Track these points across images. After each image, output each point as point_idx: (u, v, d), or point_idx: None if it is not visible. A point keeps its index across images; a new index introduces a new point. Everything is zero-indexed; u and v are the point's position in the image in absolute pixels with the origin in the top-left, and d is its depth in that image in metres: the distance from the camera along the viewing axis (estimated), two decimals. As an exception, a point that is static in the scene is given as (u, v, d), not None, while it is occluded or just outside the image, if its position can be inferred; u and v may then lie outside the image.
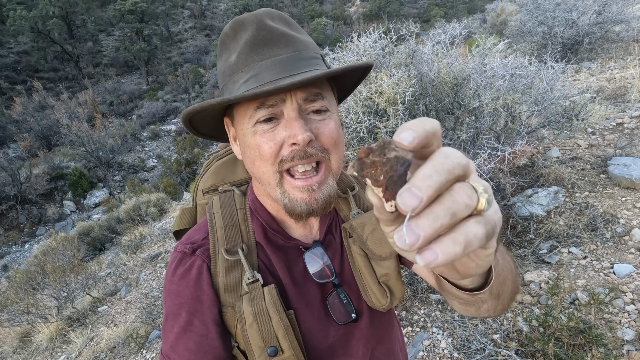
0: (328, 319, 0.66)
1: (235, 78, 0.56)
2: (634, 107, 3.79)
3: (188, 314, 0.60)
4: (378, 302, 0.66)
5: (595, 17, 5.64)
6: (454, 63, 2.91)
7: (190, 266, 0.62)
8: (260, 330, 0.58)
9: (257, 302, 0.58)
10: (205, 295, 0.60)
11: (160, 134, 20.92)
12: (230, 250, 0.62)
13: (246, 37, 0.55)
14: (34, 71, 27.76)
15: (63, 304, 4.33)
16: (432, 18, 27.02)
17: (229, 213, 0.67)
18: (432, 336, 2.14)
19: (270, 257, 0.65)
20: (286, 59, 0.55)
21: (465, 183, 0.27)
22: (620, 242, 2.25)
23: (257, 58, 0.55)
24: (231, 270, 0.61)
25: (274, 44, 0.55)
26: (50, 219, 14.36)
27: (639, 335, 1.70)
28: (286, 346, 0.58)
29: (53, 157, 16.86)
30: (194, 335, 0.59)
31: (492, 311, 0.53)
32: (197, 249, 0.63)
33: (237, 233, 0.65)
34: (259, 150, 0.55)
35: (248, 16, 0.56)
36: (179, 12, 38.53)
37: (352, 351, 0.68)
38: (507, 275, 0.50)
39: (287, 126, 0.54)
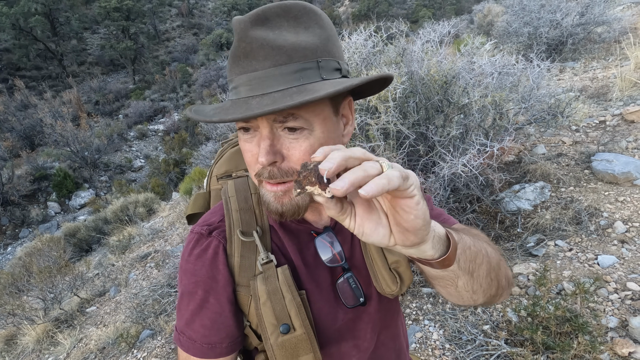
0: (337, 302, 0.68)
1: (229, 85, 0.57)
2: (615, 106, 3.91)
3: (204, 292, 0.62)
4: (388, 288, 0.68)
5: (578, 19, 5.79)
6: (444, 61, 2.96)
7: (207, 246, 0.64)
8: (274, 308, 0.60)
9: (271, 282, 0.61)
10: (220, 274, 0.63)
11: (148, 133, 20.63)
12: (245, 232, 0.64)
13: (232, 46, 0.54)
14: (15, 69, 27.04)
15: (50, 305, 4.24)
16: (420, 19, 27.30)
17: (244, 197, 0.69)
18: (424, 328, 2.17)
19: (283, 240, 0.67)
20: (262, 75, 0.52)
21: (371, 160, 0.39)
22: (603, 235, 2.33)
23: (237, 70, 0.54)
24: (246, 251, 0.64)
25: (252, 56, 0.52)
26: (34, 220, 14.02)
27: (622, 323, 1.77)
28: (298, 324, 0.60)
29: (36, 157, 16.47)
30: (209, 312, 0.62)
31: (472, 292, 0.58)
32: (214, 231, 0.65)
33: (251, 216, 0.67)
34: (244, 155, 0.59)
35: (238, 22, 0.52)
36: (166, 10, 38.04)
37: (360, 334, 0.71)
38: (478, 254, 0.56)
39: (258, 143, 0.55)
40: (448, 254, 0.49)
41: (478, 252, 0.57)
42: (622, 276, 2.00)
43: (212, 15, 39.25)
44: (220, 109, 0.55)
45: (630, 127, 3.36)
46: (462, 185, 2.77)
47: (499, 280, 0.61)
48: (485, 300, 0.62)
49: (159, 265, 4.58)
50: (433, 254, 0.48)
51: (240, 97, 0.54)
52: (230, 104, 0.54)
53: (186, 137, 17.83)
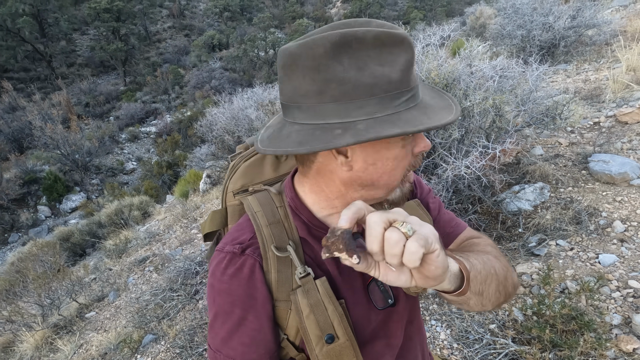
0: (369, 305, 0.70)
1: (396, 95, 0.55)
2: (608, 107, 4.01)
3: (242, 310, 0.63)
4: (414, 288, 0.70)
5: (569, 22, 5.92)
6: (444, 65, 3.00)
7: (242, 265, 0.64)
8: (318, 320, 0.61)
9: (312, 295, 0.62)
10: (258, 292, 0.63)
11: (140, 135, 20.43)
12: (280, 247, 0.65)
13: (407, 57, 0.55)
14: (3, 71, 26.56)
15: (48, 311, 4.18)
16: (412, 20, 27.53)
17: (271, 211, 0.69)
18: (431, 328, 2.21)
19: (316, 252, 0.68)
20: (427, 83, 0.61)
21: (391, 228, 0.45)
22: (603, 234, 2.39)
23: (413, 79, 0.57)
24: (282, 266, 0.64)
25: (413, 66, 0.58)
26: (24, 225, 13.79)
27: (626, 320, 1.82)
28: (341, 333, 0.62)
29: (26, 160, 16.20)
30: (247, 329, 0.63)
31: (481, 306, 0.64)
32: (247, 249, 0.65)
33: (282, 230, 0.67)
34: (406, 159, 0.62)
35: (399, 33, 0.54)
36: (157, 11, 37.73)
37: (391, 333, 0.74)
38: (487, 276, 0.63)
39: (422, 138, 0.63)
40: (463, 288, 0.56)
41: (487, 274, 0.63)
42: (623, 274, 2.06)
43: (203, 16, 39.05)
44: (420, 116, 0.56)
45: (625, 128, 3.45)
46: (464, 187, 2.81)
47: (506, 291, 0.68)
48: (493, 308, 0.69)
49: (158, 269, 4.55)
50: (449, 287, 0.56)
51: (423, 101, 0.60)
52: (418, 112, 0.57)
53: (179, 139, 17.71)
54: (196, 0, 42.58)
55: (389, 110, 0.54)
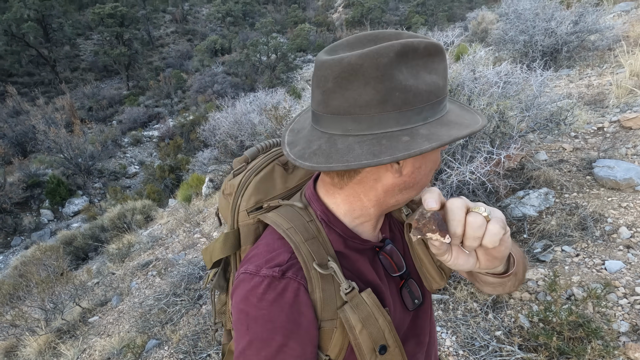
0: (403, 308, 0.73)
1: (441, 100, 0.59)
2: (612, 112, 4.01)
3: (283, 337, 0.59)
4: (437, 285, 0.76)
5: (572, 27, 5.93)
6: (449, 70, 3.01)
7: (283, 290, 0.60)
8: (371, 333, 0.61)
9: (362, 309, 0.61)
10: (303, 317, 0.60)
11: (142, 139, 20.50)
12: (321, 264, 0.62)
13: (444, 65, 0.59)
14: (7, 75, 26.75)
15: (51, 315, 4.18)
16: (413, 25, 27.64)
17: (304, 227, 0.65)
18: (436, 335, 2.20)
19: (354, 263, 0.67)
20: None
21: (472, 212, 0.51)
22: (609, 240, 2.38)
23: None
24: (325, 285, 0.62)
25: None
26: (27, 228, 13.82)
27: (633, 327, 1.81)
28: (391, 341, 0.62)
29: (29, 164, 16.27)
30: (287, 356, 0.59)
31: (511, 287, 0.70)
32: (287, 271, 0.61)
33: (319, 246, 0.64)
34: (437, 160, 0.65)
35: (439, 45, 0.58)
36: (160, 16, 38.02)
37: (421, 331, 0.77)
38: (520, 262, 0.68)
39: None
40: (515, 269, 0.62)
41: (520, 257, 0.68)
42: (630, 281, 2.05)
43: (206, 21, 39.31)
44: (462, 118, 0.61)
45: (629, 133, 3.45)
46: (468, 192, 2.81)
47: (525, 271, 0.74)
48: (516, 288, 0.74)
49: (161, 273, 4.55)
50: (501, 270, 0.62)
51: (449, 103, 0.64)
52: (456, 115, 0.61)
53: (181, 143, 17.77)
54: (199, 6, 42.91)
55: (437, 114, 0.58)
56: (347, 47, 0.59)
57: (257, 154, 0.81)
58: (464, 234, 0.50)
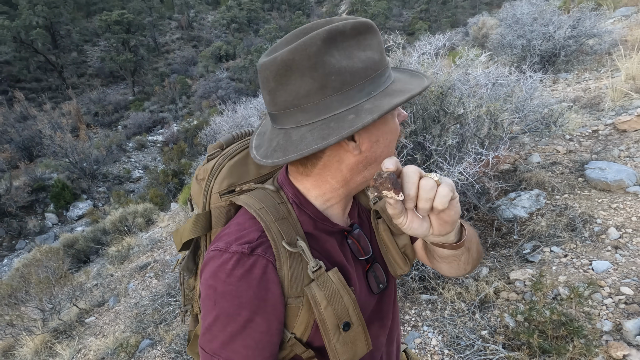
0: (369, 291, 0.76)
1: (381, 73, 0.62)
2: (607, 115, 4.00)
3: (249, 313, 0.60)
4: (400, 270, 0.79)
5: (570, 31, 5.94)
6: (439, 73, 3.04)
7: (252, 266, 0.61)
8: (335, 310, 0.63)
9: (328, 286, 0.63)
10: (270, 293, 0.61)
11: (147, 144, 20.71)
12: (290, 243, 0.64)
13: (379, 40, 0.62)
14: (15, 81, 27.23)
15: (49, 315, 4.23)
16: (417, 31, 27.77)
17: (274, 208, 0.67)
18: (423, 334, 2.20)
19: (323, 244, 0.69)
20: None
21: (425, 177, 0.53)
22: (597, 241, 2.38)
23: (385, 57, 0.64)
24: (294, 262, 0.64)
25: None
26: (31, 232, 13.97)
27: (617, 326, 1.80)
28: (355, 319, 0.65)
29: (35, 168, 16.48)
30: (254, 332, 0.61)
31: (467, 263, 0.73)
32: (257, 248, 0.62)
33: (289, 226, 0.66)
34: (397, 130, 0.67)
35: (367, 21, 0.61)
36: (166, 23, 38.57)
37: (384, 315, 0.80)
38: (472, 236, 0.72)
39: (399, 110, 0.70)
40: (466, 237, 0.65)
41: (472, 232, 0.73)
42: (616, 281, 2.04)
43: (211, 27, 39.80)
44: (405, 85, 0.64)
45: (622, 136, 3.44)
46: (459, 193, 2.82)
47: (479, 251, 0.77)
48: (471, 268, 0.76)
49: (158, 275, 4.58)
50: (454, 239, 0.64)
51: (394, 73, 0.67)
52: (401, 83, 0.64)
53: (185, 147, 17.91)
54: (204, 13, 43.48)
55: (381, 87, 0.61)
56: (284, 44, 0.61)
57: (233, 141, 0.83)
58: (417, 197, 0.53)
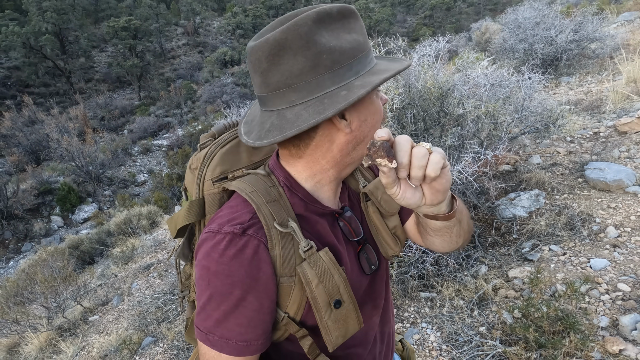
0: (361, 271, 0.78)
1: (367, 54, 0.65)
2: (609, 118, 4.02)
3: (242, 292, 0.62)
4: (391, 251, 0.82)
5: (572, 35, 5.97)
6: (439, 74, 3.09)
7: (243, 246, 0.62)
8: (326, 288, 0.65)
9: (319, 265, 0.65)
10: (261, 272, 0.63)
11: (152, 148, 20.89)
12: (282, 224, 0.66)
13: (361, 23, 0.66)
14: (24, 86, 27.67)
15: (53, 314, 4.28)
16: (421, 37, 27.88)
17: (265, 191, 0.69)
18: (421, 331, 2.22)
19: (314, 225, 0.71)
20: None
21: (418, 146, 0.55)
22: (596, 239, 2.39)
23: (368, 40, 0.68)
24: (285, 242, 0.65)
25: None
26: (37, 234, 14.09)
27: (613, 322, 1.82)
28: (346, 297, 0.67)
29: (41, 171, 16.67)
30: (246, 310, 0.62)
31: (459, 236, 0.75)
32: (248, 229, 0.63)
33: (280, 208, 0.68)
34: (381, 111, 0.70)
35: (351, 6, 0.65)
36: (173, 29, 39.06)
37: (377, 295, 0.82)
38: (462, 209, 0.74)
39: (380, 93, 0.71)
40: (457, 207, 0.67)
41: (462, 206, 0.75)
42: (613, 278, 2.05)
43: (217, 34, 40.24)
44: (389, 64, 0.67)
45: (623, 137, 3.46)
46: (458, 192, 2.84)
47: (469, 225, 0.79)
48: (462, 243, 0.78)
49: (161, 274, 4.63)
50: (446, 209, 0.66)
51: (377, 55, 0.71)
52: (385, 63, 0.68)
53: (190, 152, 18.03)
54: (210, 19, 44.01)
55: (367, 66, 0.64)
56: (270, 30, 0.63)
57: (224, 130, 0.85)
58: (410, 165, 0.55)
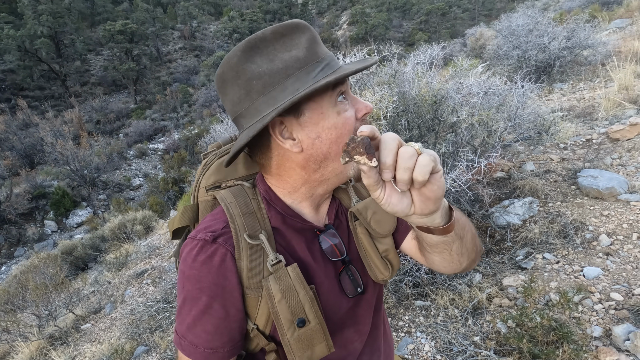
0: (341, 293, 0.74)
1: (310, 68, 0.62)
2: (601, 125, 4.05)
3: (208, 298, 0.63)
4: (381, 275, 0.77)
5: (565, 43, 6.04)
6: (433, 82, 3.10)
7: (212, 253, 0.64)
8: (289, 305, 0.64)
9: (283, 280, 0.64)
10: (227, 281, 0.64)
11: (148, 152, 20.80)
12: (252, 236, 0.67)
13: (308, 36, 0.63)
14: (19, 89, 27.50)
15: (45, 322, 4.22)
16: (416, 42, 28.10)
17: (244, 202, 0.71)
18: (416, 340, 2.21)
19: (289, 240, 0.71)
20: (331, 54, 0.67)
21: (406, 145, 0.49)
22: (589, 247, 2.40)
23: (322, 52, 0.64)
24: (254, 254, 0.66)
25: (322, 43, 0.67)
26: (30, 239, 13.95)
27: (606, 332, 1.82)
28: (312, 317, 0.65)
29: (35, 175, 16.53)
30: (212, 318, 0.63)
31: (460, 254, 0.68)
32: (219, 237, 0.65)
33: (254, 220, 0.69)
34: (346, 125, 0.64)
35: (295, 22, 0.64)
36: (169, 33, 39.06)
37: (360, 320, 0.78)
38: (465, 223, 0.68)
39: (354, 103, 0.66)
40: (453, 221, 0.60)
41: (465, 221, 0.68)
42: (606, 287, 2.06)
43: (213, 37, 40.29)
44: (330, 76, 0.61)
45: (615, 144, 3.48)
46: (452, 200, 2.85)
47: (477, 245, 0.72)
48: (468, 264, 0.72)
49: (155, 282, 4.59)
50: (440, 221, 0.59)
51: (337, 67, 0.64)
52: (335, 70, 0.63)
53: (185, 155, 17.98)
54: (207, 23, 44.07)
55: (309, 83, 0.61)
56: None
57: (229, 141, 0.88)
58: (395, 166, 0.49)
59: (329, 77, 0.60)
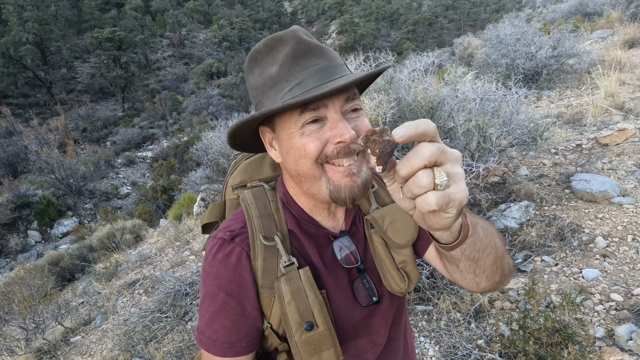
0: (354, 301, 0.73)
1: (279, 87, 0.61)
2: (590, 130, 4.16)
3: (225, 295, 0.65)
4: (397, 287, 0.73)
5: (551, 51, 6.22)
6: (429, 88, 3.15)
7: (230, 252, 0.67)
8: (298, 307, 0.64)
9: (294, 282, 0.65)
10: (243, 279, 0.66)
11: (136, 160, 20.51)
12: (267, 237, 0.69)
13: (286, 51, 0.61)
14: (2, 97, 26.90)
15: (32, 335, 4.07)
16: (404, 51, 28.60)
17: (263, 204, 0.74)
18: (419, 345, 2.20)
19: (303, 244, 0.72)
20: (324, 66, 0.61)
21: (429, 169, 0.43)
22: (586, 250, 2.44)
23: (299, 68, 0.61)
24: (268, 255, 0.68)
25: (312, 54, 0.62)
26: (13, 250, 13.52)
27: (609, 332, 1.84)
28: (320, 321, 0.64)
29: (19, 184, 16.09)
30: (229, 314, 0.65)
31: (474, 275, 0.63)
32: (236, 237, 0.68)
33: (271, 222, 0.71)
34: (305, 149, 0.61)
35: (284, 33, 0.62)
36: (158, 40, 38.86)
37: (374, 330, 0.76)
38: (487, 246, 0.60)
39: (332, 127, 0.60)
40: (454, 244, 0.56)
41: (487, 244, 0.61)
42: (605, 288, 2.09)
43: (203, 45, 40.25)
44: (297, 96, 0.59)
45: (605, 149, 3.58)
46: (451, 205, 2.87)
47: (503, 268, 0.66)
48: (489, 285, 0.67)
49: (147, 291, 4.48)
50: (449, 238, 0.55)
51: (309, 88, 0.59)
52: (302, 93, 0.59)
53: (175, 163, 17.78)
54: (196, 31, 44.03)
55: (278, 102, 0.61)
56: None
57: None
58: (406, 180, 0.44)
59: (288, 101, 0.57)
